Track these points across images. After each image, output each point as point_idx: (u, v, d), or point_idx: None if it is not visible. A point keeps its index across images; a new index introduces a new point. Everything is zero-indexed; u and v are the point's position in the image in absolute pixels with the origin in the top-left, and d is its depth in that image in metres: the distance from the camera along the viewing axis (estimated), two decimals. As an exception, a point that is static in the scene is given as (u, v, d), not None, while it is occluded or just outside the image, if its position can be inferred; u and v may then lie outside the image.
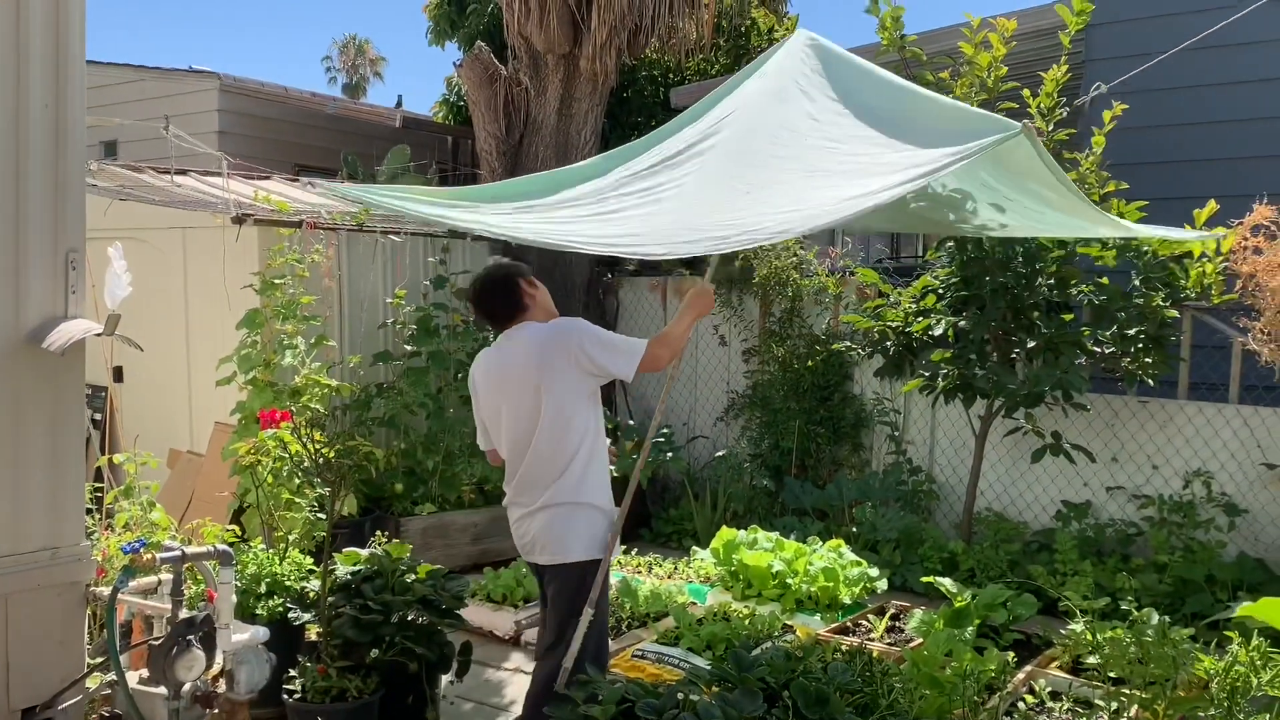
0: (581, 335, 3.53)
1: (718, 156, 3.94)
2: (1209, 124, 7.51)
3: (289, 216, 6.42)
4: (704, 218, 3.43)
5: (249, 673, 3.43)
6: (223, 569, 3.32)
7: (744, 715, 2.87)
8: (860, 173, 3.41)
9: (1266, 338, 5.65)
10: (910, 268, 8.81)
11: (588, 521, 3.60)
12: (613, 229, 3.57)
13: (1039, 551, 6.26)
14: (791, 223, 3.26)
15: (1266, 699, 3.04)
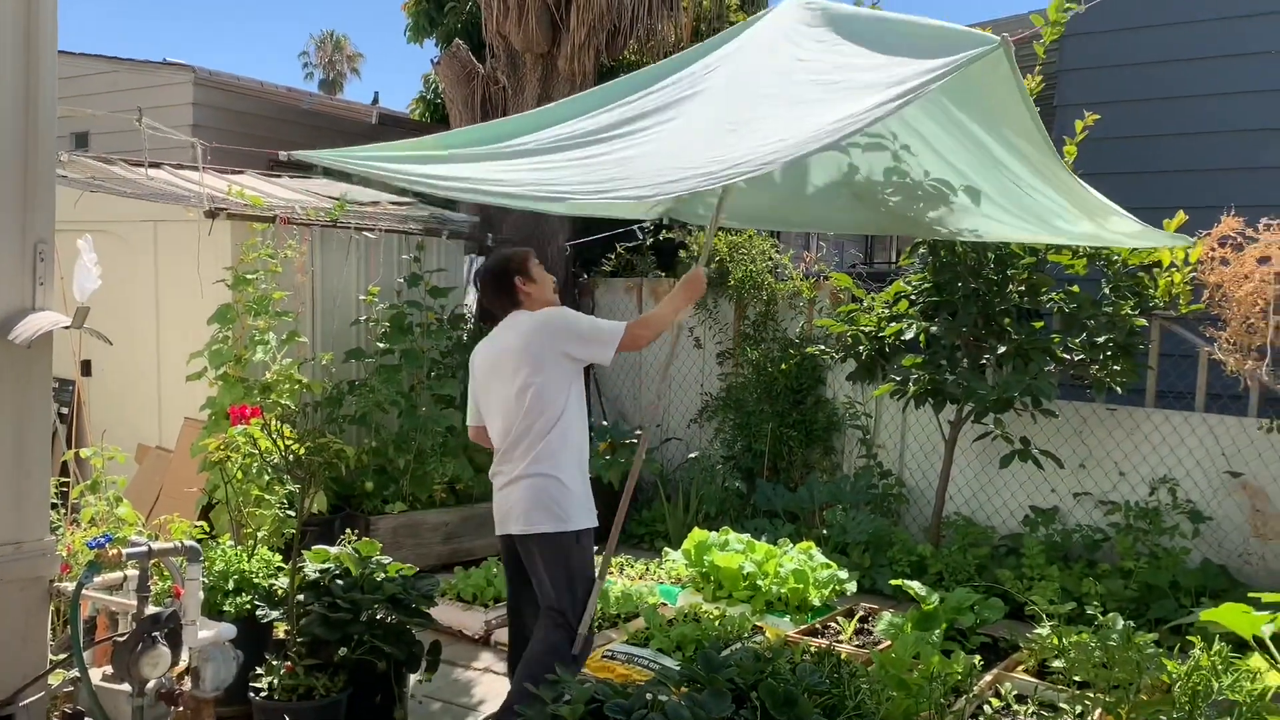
0: (563, 327, 3.80)
1: (702, 102, 3.97)
2: (1179, 135, 7.61)
3: (263, 211, 6.37)
4: (689, 156, 3.44)
5: (215, 670, 3.40)
6: (190, 565, 3.29)
7: (712, 716, 2.88)
8: (846, 98, 3.43)
9: (1232, 347, 5.74)
10: (884, 273, 8.88)
11: (572, 495, 3.79)
12: (595, 175, 3.55)
13: (1007, 556, 6.32)
14: (779, 151, 3.24)
15: (1227, 703, 3.08)
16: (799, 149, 3.27)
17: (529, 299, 3.95)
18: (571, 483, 3.80)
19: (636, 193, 3.40)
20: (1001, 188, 4.66)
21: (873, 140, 4.85)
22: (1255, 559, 5.93)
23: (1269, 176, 7.13)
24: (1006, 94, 3.72)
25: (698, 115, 3.91)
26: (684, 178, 3.35)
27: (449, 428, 6.83)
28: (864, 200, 5.44)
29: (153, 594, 3.57)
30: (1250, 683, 3.11)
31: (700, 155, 3.45)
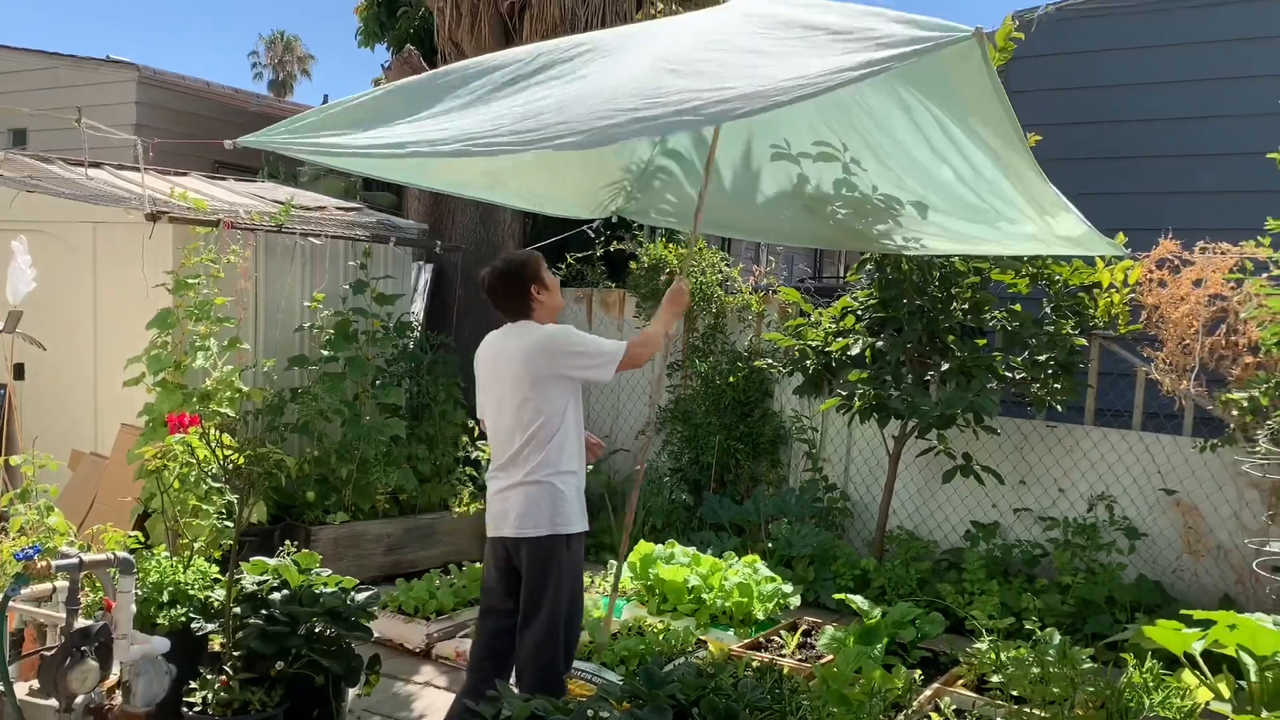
0: (565, 349, 3.86)
1: (643, 43, 3.85)
2: (1120, 159, 7.80)
3: (206, 215, 6.26)
4: (627, 96, 3.27)
5: (147, 685, 3.33)
6: (122, 577, 3.22)
7: (653, 732, 2.88)
8: (805, 54, 3.31)
9: (1168, 367, 5.88)
10: (832, 288, 8.96)
11: (564, 500, 3.88)
12: (530, 124, 3.36)
13: (948, 570, 6.39)
14: (729, 102, 3.08)
15: (1158, 719, 3.14)
16: (749, 103, 3.05)
17: (541, 307, 3.98)
18: (566, 490, 3.90)
19: (574, 140, 3.16)
20: (951, 195, 4.68)
21: (824, 150, 4.87)
22: (1188, 575, 6.06)
23: (1206, 200, 7.33)
24: (978, 84, 3.61)
25: (635, 54, 3.73)
26: (620, 121, 3.12)
27: (393, 437, 6.75)
28: (814, 212, 5.47)
29: (83, 606, 3.49)
30: (1180, 699, 3.17)
31: (638, 95, 3.24)
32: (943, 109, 4.14)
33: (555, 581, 3.87)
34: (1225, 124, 7.39)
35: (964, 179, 4.55)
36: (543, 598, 3.87)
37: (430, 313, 8.59)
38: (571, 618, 3.96)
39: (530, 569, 3.90)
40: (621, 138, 3.21)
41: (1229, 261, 5.72)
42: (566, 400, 3.90)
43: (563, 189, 5.65)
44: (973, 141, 4.22)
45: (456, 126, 3.62)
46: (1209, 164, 7.41)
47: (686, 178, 5.57)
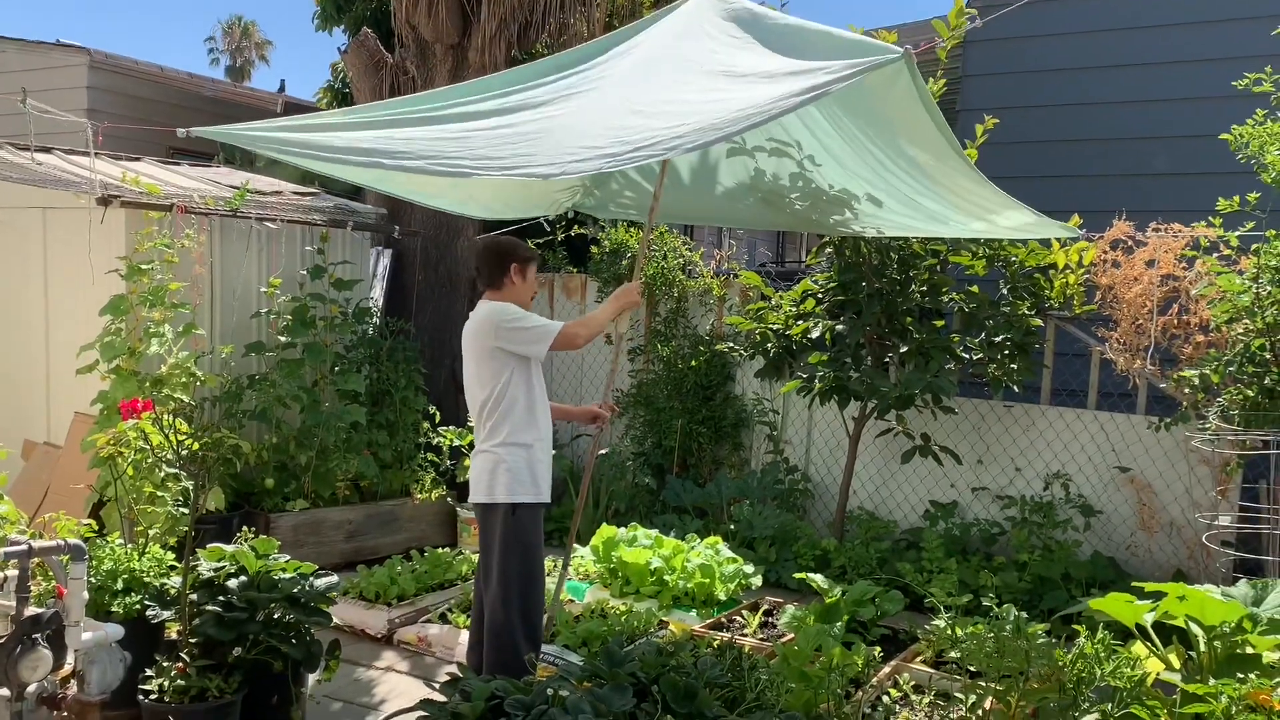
0: (499, 322, 4.05)
1: (610, 85, 4.10)
2: (1075, 142, 7.88)
3: (159, 199, 6.16)
4: (594, 136, 3.58)
5: (101, 673, 3.29)
6: (74, 564, 3.17)
7: (613, 709, 2.88)
8: (752, 89, 3.55)
9: (1122, 347, 5.96)
10: (793, 272, 9.00)
11: (506, 469, 4.04)
12: (500, 150, 3.63)
13: (907, 549, 6.46)
14: (684, 137, 3.35)
15: (1108, 689, 3.20)
16: (702, 136, 3.32)
17: (513, 288, 4.21)
18: (511, 459, 4.05)
19: (541, 170, 3.45)
20: (897, 194, 4.78)
21: (778, 147, 4.93)
22: (1141, 550, 6.16)
23: (1159, 183, 7.43)
24: (907, 103, 3.81)
25: (607, 96, 3.98)
26: (588, 157, 3.40)
27: (353, 423, 6.70)
28: (772, 204, 5.52)
29: (35, 595, 3.44)
30: (1130, 669, 3.23)
31: (605, 135, 3.51)
32: (872, 131, 4.32)
33: (501, 551, 4.02)
34: (1178, 107, 7.48)
35: (907, 186, 4.67)
36: (491, 567, 4.06)
37: (389, 298, 8.53)
38: (525, 592, 4.03)
39: (481, 536, 4.18)
40: (587, 172, 3.51)
41: (1181, 242, 5.81)
42: (512, 373, 4.07)
43: (523, 196, 5.73)
44: (903, 166, 4.40)
45: (424, 142, 3.71)
46: (1163, 146, 7.51)
47: (642, 175, 5.61)
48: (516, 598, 4.01)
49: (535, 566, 4.09)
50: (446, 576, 5.96)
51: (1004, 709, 3.41)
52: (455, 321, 8.62)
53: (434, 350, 8.35)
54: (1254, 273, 5.15)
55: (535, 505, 4.09)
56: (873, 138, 4.36)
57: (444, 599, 5.67)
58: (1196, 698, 3.09)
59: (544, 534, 4.23)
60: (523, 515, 4.04)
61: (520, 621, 4.00)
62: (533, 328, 4.08)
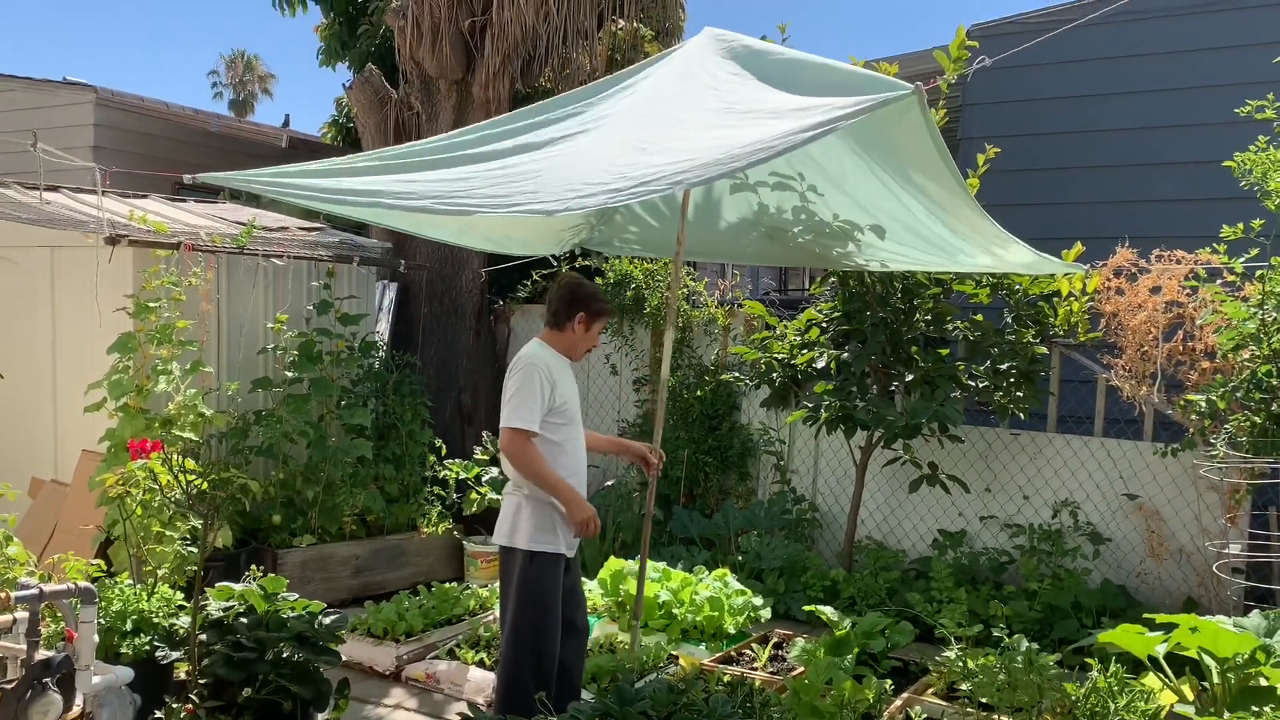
0: (509, 380, 4.02)
1: (613, 124, 4.12)
2: (1077, 169, 7.92)
3: (166, 238, 6.20)
4: (598, 173, 3.57)
5: (111, 716, 3.29)
6: (84, 607, 3.17)
7: (625, 750, 2.87)
8: (758, 125, 3.55)
9: (1127, 374, 5.96)
10: (797, 300, 9.02)
11: (529, 515, 4.01)
12: (504, 189, 3.64)
13: (916, 579, 6.43)
14: (688, 171, 3.35)
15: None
16: (706, 171, 3.33)
17: (568, 335, 4.15)
18: (539, 507, 4.00)
19: (545, 207, 3.42)
20: (904, 222, 4.80)
21: (780, 180, 4.97)
22: (1151, 578, 6.13)
23: (1162, 209, 7.46)
24: (916, 137, 3.84)
25: (609, 134, 4.00)
26: (593, 194, 3.40)
27: (360, 458, 6.70)
28: (774, 238, 5.55)
29: (44, 637, 3.43)
30: (1144, 703, 3.21)
31: (609, 172, 3.51)
32: (883, 162, 4.33)
33: (516, 597, 3.98)
34: (1181, 133, 7.53)
35: (914, 214, 4.70)
36: (505, 610, 4.06)
37: (395, 332, 8.56)
38: (536, 640, 3.97)
39: (500, 576, 4.17)
40: (591, 207, 3.47)
41: (1185, 269, 5.83)
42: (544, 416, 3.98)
43: (527, 231, 5.75)
44: (911, 193, 4.41)
45: (427, 184, 3.75)
46: (1166, 173, 7.55)
47: (647, 211, 5.65)
48: (527, 643, 3.97)
49: (546, 617, 4.01)
50: (454, 612, 5.94)
51: (1017, 743, 3.39)
52: (461, 354, 8.64)
53: (440, 383, 8.37)
54: (1259, 299, 5.17)
55: (554, 555, 4.02)
56: (881, 164, 4.38)
57: (452, 635, 5.64)
58: (1212, 731, 3.07)
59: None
60: (540, 563, 3.98)
61: (529, 665, 3.96)
62: (511, 411, 3.93)
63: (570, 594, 4.22)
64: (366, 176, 3.97)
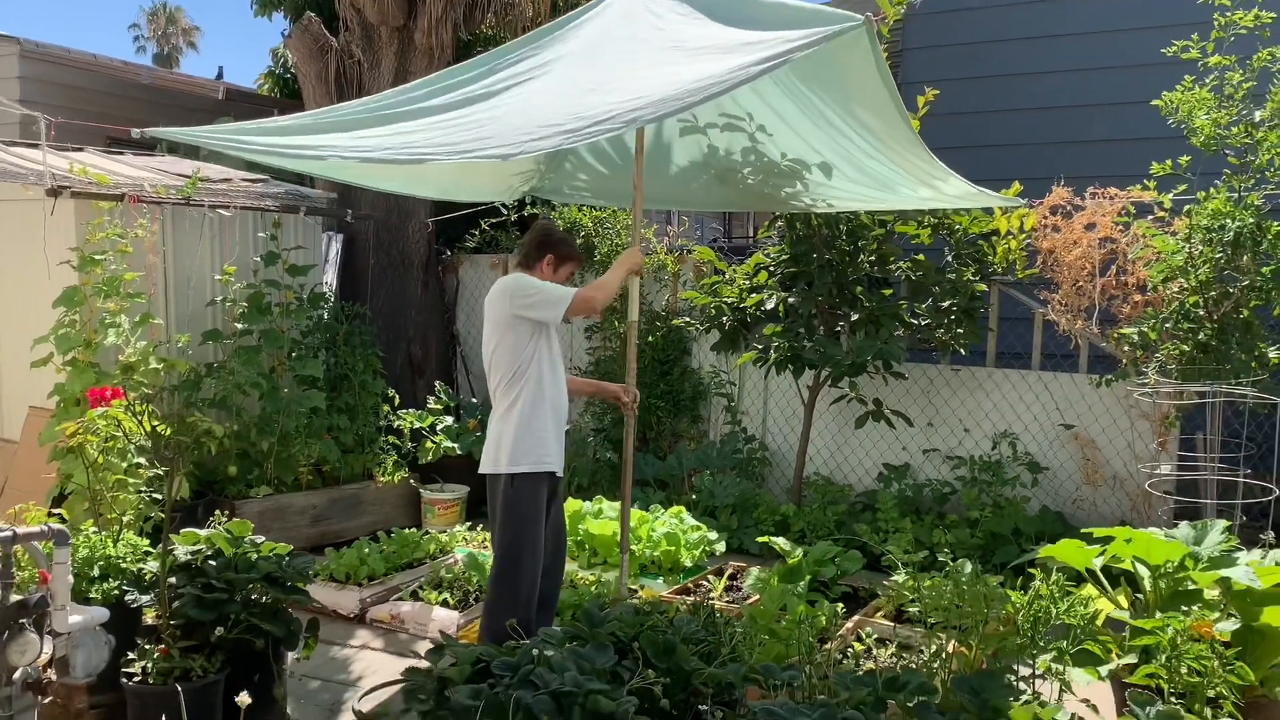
0: (515, 290, 4.14)
1: (562, 67, 4.17)
2: (1014, 111, 8.10)
3: (109, 189, 6.11)
4: (550, 115, 3.62)
5: (86, 656, 3.32)
6: (58, 549, 3.20)
7: (596, 666, 2.99)
8: (707, 61, 3.62)
9: (1063, 309, 6.18)
10: (742, 247, 9.14)
11: (511, 440, 4.13)
12: (456, 136, 3.69)
13: (863, 512, 6.65)
14: (641, 110, 3.42)
15: (1064, 626, 3.38)
16: (661, 108, 3.39)
17: (536, 274, 4.28)
18: (523, 433, 4.13)
19: (499, 151, 3.47)
20: (850, 159, 4.91)
21: (730, 121, 5.04)
22: (1087, 504, 6.41)
23: (1096, 149, 7.67)
24: (864, 70, 3.91)
25: (559, 78, 4.03)
26: (547, 135, 3.44)
27: (313, 409, 6.71)
28: (724, 180, 5.63)
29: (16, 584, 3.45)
30: (1084, 608, 3.41)
31: (562, 114, 3.56)
32: (829, 98, 4.42)
33: (500, 520, 4.13)
34: (1114, 75, 7.72)
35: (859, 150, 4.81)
36: (493, 536, 4.20)
37: (342, 283, 8.52)
38: (517, 561, 4.11)
39: (492, 507, 4.26)
40: (547, 149, 3.52)
41: (1118, 205, 6.03)
42: (526, 345, 4.15)
43: (476, 179, 5.76)
44: (855, 129, 4.51)
45: (380, 137, 3.77)
46: (1099, 114, 7.76)
47: (596, 159, 5.69)
48: (512, 565, 4.10)
49: (527, 537, 4.13)
50: (415, 556, 6.03)
51: (965, 653, 3.58)
52: (409, 305, 8.64)
53: (389, 334, 8.37)
54: (1186, 233, 5.38)
55: (533, 475, 4.14)
56: (827, 101, 4.47)
57: (414, 577, 5.73)
58: (1144, 631, 3.28)
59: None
60: (520, 485, 4.11)
61: (518, 592, 4.08)
62: (550, 292, 4.13)
63: (555, 531, 4.38)
64: (319, 134, 3.96)
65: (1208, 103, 5.31)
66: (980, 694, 2.96)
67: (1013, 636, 3.42)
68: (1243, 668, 3.14)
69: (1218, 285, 5.32)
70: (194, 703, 3.66)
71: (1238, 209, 5.23)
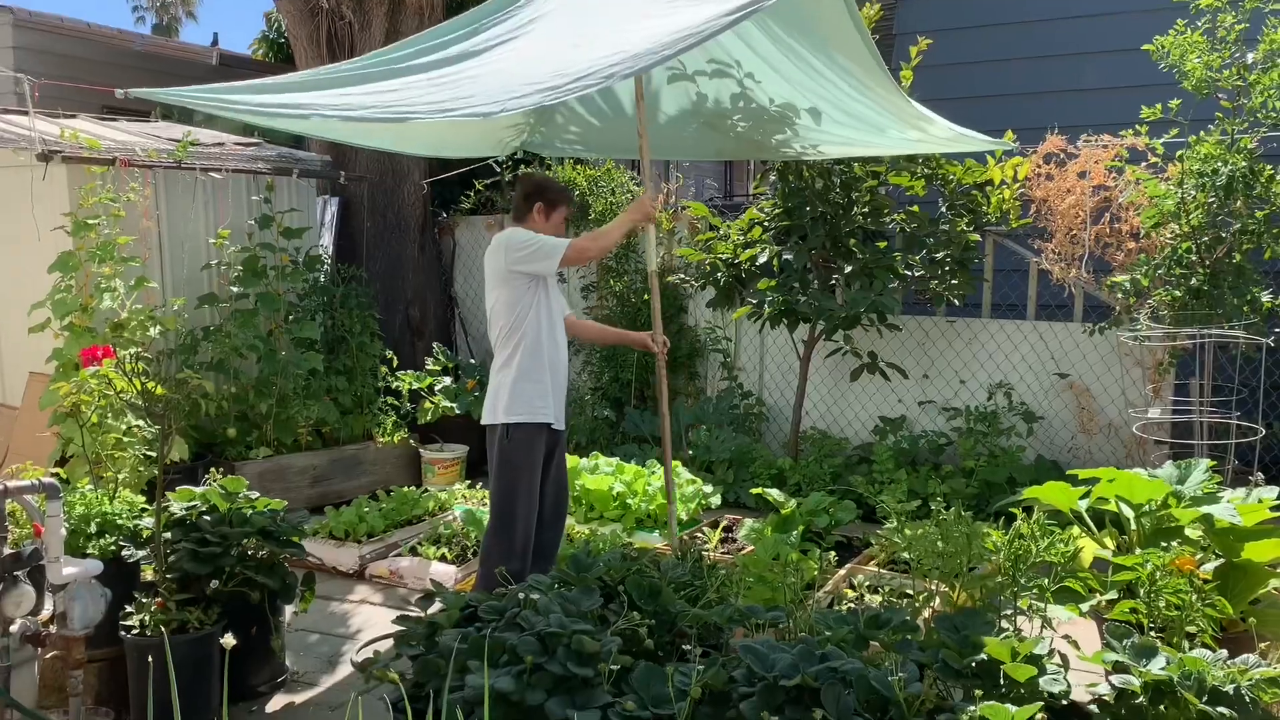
0: (509, 244, 4.22)
1: (543, 26, 4.20)
2: (1008, 60, 8.03)
3: (101, 154, 6.11)
4: (533, 73, 3.67)
5: (83, 608, 3.37)
6: (50, 502, 3.24)
7: (581, 609, 3.03)
8: (686, 12, 3.65)
9: (1057, 257, 6.17)
10: (740, 205, 9.10)
11: (508, 392, 4.23)
12: (440, 94, 3.71)
13: (859, 464, 6.68)
14: (620, 64, 3.46)
15: (1045, 565, 3.41)
16: (639, 61, 3.42)
17: (530, 226, 4.34)
18: (520, 384, 4.22)
19: (483, 109, 3.50)
20: (837, 103, 4.90)
21: (718, 68, 5.02)
22: (1081, 452, 6.43)
23: (1089, 97, 7.61)
24: (836, 18, 3.92)
25: (542, 36, 4.04)
26: (529, 93, 3.47)
27: (311, 371, 6.75)
28: (715, 128, 5.61)
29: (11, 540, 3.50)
30: (1065, 545, 3.44)
31: (544, 70, 3.58)
32: (810, 46, 4.41)
33: (496, 470, 4.23)
34: (1105, 22, 7.64)
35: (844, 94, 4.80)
36: (490, 487, 4.28)
37: (339, 246, 8.52)
38: (514, 509, 4.19)
39: (490, 458, 4.34)
40: (528, 106, 3.57)
41: (1110, 153, 6.00)
42: (523, 298, 4.22)
43: (466, 136, 5.75)
44: (838, 74, 4.51)
45: (364, 95, 3.78)
46: (1091, 62, 7.69)
47: (588, 111, 5.68)
48: (507, 514, 4.19)
49: (521, 487, 4.21)
50: (414, 513, 6.09)
51: (951, 594, 3.62)
52: (406, 267, 8.65)
53: (387, 297, 8.38)
54: (1179, 178, 5.35)
55: (530, 425, 4.22)
56: (809, 48, 4.48)
57: (413, 534, 5.80)
58: (1125, 568, 3.31)
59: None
60: (515, 435, 4.20)
61: (514, 542, 4.14)
62: (542, 244, 4.18)
63: (556, 486, 4.46)
64: (302, 93, 3.97)
65: (1200, 46, 5.26)
66: (961, 631, 2.99)
67: (995, 576, 3.45)
68: (1221, 602, 3.17)
69: (1210, 230, 5.31)
70: (192, 654, 3.73)
71: (1230, 152, 5.20)
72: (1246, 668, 2.65)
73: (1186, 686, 2.55)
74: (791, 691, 2.64)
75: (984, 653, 2.80)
